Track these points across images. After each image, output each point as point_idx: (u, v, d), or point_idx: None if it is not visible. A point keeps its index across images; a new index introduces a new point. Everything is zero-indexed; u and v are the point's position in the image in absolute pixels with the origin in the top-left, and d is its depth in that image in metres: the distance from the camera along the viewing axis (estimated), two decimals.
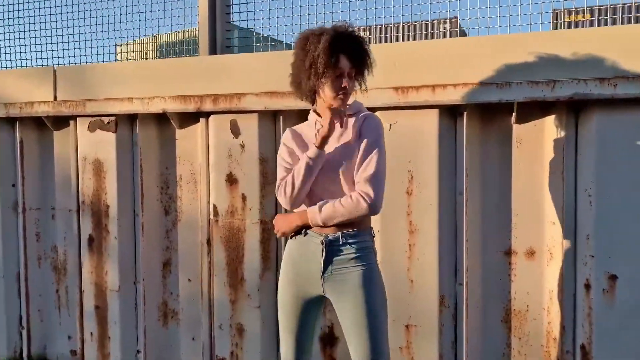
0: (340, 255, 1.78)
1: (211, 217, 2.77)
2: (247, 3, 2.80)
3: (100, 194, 2.99)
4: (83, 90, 2.97)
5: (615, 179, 2.08)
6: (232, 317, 2.72)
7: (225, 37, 2.82)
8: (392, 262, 2.39)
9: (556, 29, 2.82)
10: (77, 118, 3.01)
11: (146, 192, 2.95)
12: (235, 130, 2.67)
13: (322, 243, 1.78)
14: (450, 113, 2.34)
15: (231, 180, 2.70)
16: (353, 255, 1.76)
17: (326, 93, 1.79)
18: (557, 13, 2.84)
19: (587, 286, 2.15)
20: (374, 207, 1.70)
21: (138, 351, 3.01)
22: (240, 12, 2.83)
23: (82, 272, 3.07)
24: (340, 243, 1.77)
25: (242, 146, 2.66)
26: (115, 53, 3.80)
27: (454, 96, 2.23)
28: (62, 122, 3.12)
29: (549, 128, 2.24)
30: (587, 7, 2.65)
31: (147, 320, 2.97)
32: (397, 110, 2.36)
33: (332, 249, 1.78)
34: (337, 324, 2.50)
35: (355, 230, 1.77)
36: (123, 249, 2.97)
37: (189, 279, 2.94)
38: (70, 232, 3.15)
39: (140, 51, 3.63)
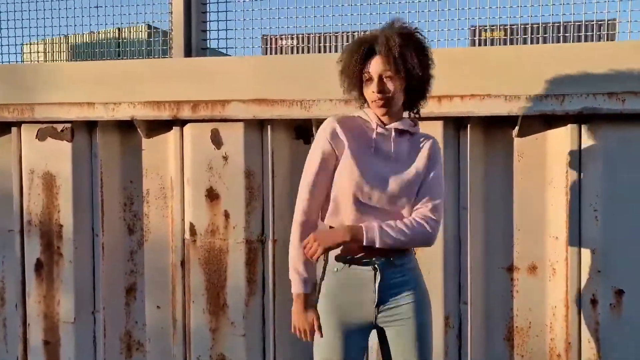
0: (394, 280, 1.61)
1: (187, 236, 2.49)
2: (226, 2, 2.55)
3: (52, 212, 2.60)
4: (28, 92, 2.57)
5: (621, 194, 2.08)
6: (213, 347, 2.45)
7: (201, 38, 2.56)
8: None
9: (474, 45, 2.87)
10: (22, 125, 2.62)
11: (107, 209, 2.61)
12: (216, 141, 2.42)
13: (374, 268, 1.60)
14: (454, 125, 2.25)
15: (212, 195, 2.43)
16: (406, 279, 1.62)
17: (366, 94, 1.65)
18: (474, 30, 2.90)
19: (594, 301, 2.13)
20: (435, 237, 1.57)
21: None
22: (218, 11, 2.58)
23: (27, 302, 2.66)
24: (395, 266, 1.61)
25: (225, 158, 2.41)
26: (22, 53, 3.53)
27: (461, 108, 2.14)
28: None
29: (552, 142, 2.22)
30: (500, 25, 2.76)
31: (107, 353, 2.62)
32: None
33: (387, 274, 1.60)
34: None
35: (405, 252, 1.63)
36: (79, 274, 2.60)
37: (157, 306, 2.63)
38: (10, 256, 2.72)
39: (48, 52, 3.38)
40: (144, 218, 2.65)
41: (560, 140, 2.18)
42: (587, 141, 2.13)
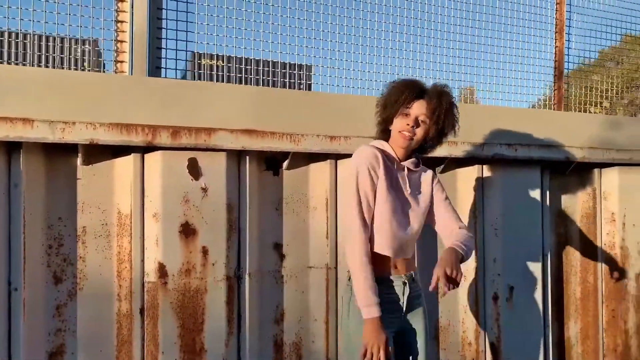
0: (414, 293, 2.02)
1: (151, 279, 2.17)
2: (186, 22, 2.35)
3: None
4: None
5: (514, 217, 2.87)
6: None
7: (156, 55, 2.29)
8: None
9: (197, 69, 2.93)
10: None
11: (28, 254, 2.04)
12: (194, 171, 2.21)
13: (403, 284, 1.96)
14: None
15: (187, 231, 2.21)
16: (420, 291, 2.07)
17: (394, 125, 1.96)
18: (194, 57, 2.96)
19: (495, 297, 2.85)
20: None
21: None
22: (177, 30, 2.35)
23: None
24: (413, 281, 2.03)
25: (205, 190, 2.23)
26: None
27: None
28: None
29: (461, 177, 2.87)
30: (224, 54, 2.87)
31: None
32: None
33: (411, 287, 2.00)
34: None
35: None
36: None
37: None
38: None
39: None
40: (78, 262, 2.17)
41: (468, 176, 2.85)
42: (489, 177, 2.86)
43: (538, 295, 2.94)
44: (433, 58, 3.33)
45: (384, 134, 2.06)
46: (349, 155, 2.42)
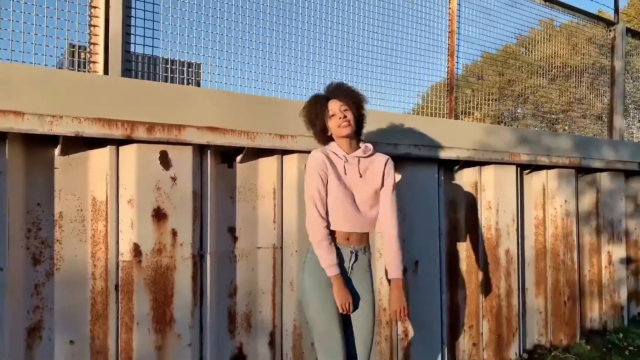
0: (363, 264, 2.51)
1: (126, 258, 2.42)
2: (152, 29, 2.61)
3: None
4: None
5: (417, 204, 3.51)
6: None
7: (126, 58, 2.53)
8: None
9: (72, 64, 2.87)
10: None
11: (11, 237, 2.21)
12: (165, 162, 2.51)
13: (351, 252, 2.43)
14: None
15: (159, 215, 2.49)
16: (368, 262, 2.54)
17: (331, 128, 2.45)
18: (73, 51, 2.88)
19: (405, 270, 3.46)
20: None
21: None
22: (144, 36, 2.61)
23: None
24: (364, 253, 2.50)
25: (174, 179, 2.53)
26: None
27: None
28: None
29: None
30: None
31: None
32: None
33: (360, 258, 2.48)
34: (249, 344, 2.84)
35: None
36: None
37: (70, 341, 2.38)
38: None
39: None
40: (55, 245, 2.36)
41: None
42: (398, 172, 3.47)
43: (435, 268, 3.62)
44: (343, 71, 3.88)
45: (328, 139, 2.52)
46: (293, 152, 2.89)
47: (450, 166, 3.81)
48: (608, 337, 4.76)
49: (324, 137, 2.49)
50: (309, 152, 2.87)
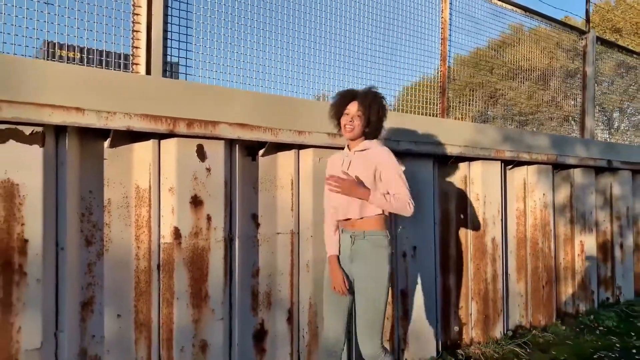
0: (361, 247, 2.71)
1: (168, 240, 2.70)
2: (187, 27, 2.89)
3: (12, 226, 2.24)
4: None
5: (415, 196, 3.86)
6: (195, 336, 2.75)
7: (163, 61, 2.81)
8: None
9: (47, 58, 2.92)
10: None
11: (69, 221, 2.46)
12: (201, 155, 2.79)
13: (350, 237, 2.70)
14: None
15: (196, 202, 2.77)
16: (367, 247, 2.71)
17: (342, 123, 2.77)
18: (48, 44, 2.93)
19: (404, 254, 3.82)
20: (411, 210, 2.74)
21: None
22: (179, 40, 2.89)
23: None
24: (363, 238, 2.70)
25: (209, 170, 2.82)
26: None
27: None
28: None
29: None
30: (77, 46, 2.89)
31: None
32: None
33: (357, 242, 2.71)
34: (269, 320, 3.16)
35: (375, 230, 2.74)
36: (46, 293, 2.33)
37: (118, 315, 2.64)
38: None
39: None
40: (105, 228, 2.63)
41: None
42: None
43: (431, 254, 3.99)
44: (348, 73, 4.21)
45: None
46: (309, 146, 3.21)
47: (444, 161, 4.19)
48: (580, 319, 5.23)
49: (339, 127, 2.81)
50: (323, 147, 3.22)
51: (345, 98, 2.76)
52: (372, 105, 2.72)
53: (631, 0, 28.45)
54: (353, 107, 2.71)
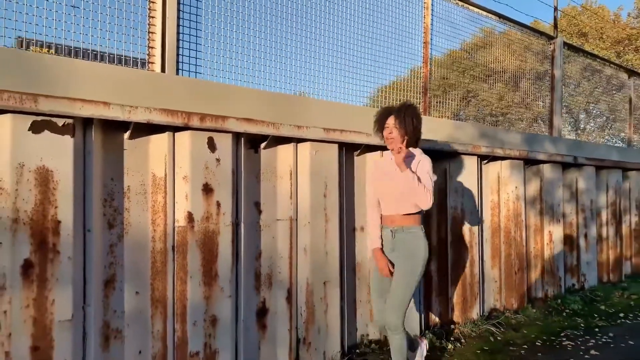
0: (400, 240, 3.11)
1: (182, 224, 2.96)
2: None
3: (47, 208, 2.47)
4: (26, 82, 2.42)
5: None
6: (207, 311, 3.02)
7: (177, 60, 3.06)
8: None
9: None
10: (8, 114, 2.36)
11: (95, 205, 2.71)
12: (212, 147, 3.06)
13: (390, 232, 3.10)
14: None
15: (207, 189, 3.04)
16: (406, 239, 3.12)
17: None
18: (21, 41, 2.95)
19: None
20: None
21: None
22: (190, 41, 3.15)
23: (11, 308, 2.36)
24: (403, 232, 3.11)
25: (218, 160, 3.08)
26: None
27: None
28: None
29: (369, 159, 4.11)
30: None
31: (94, 347, 2.68)
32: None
33: (397, 236, 3.11)
34: (270, 299, 3.44)
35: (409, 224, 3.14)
36: (76, 270, 2.57)
37: (136, 292, 2.89)
38: None
39: None
40: (124, 212, 2.87)
41: (374, 158, 4.10)
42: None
43: None
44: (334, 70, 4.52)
45: None
46: (306, 140, 3.50)
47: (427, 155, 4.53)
48: (549, 303, 5.66)
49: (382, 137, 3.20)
50: (319, 140, 3.52)
51: (383, 113, 3.19)
52: (406, 117, 3.09)
53: (596, 7, 29.66)
54: (391, 120, 3.11)
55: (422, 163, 3.11)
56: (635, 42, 27.73)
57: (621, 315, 5.38)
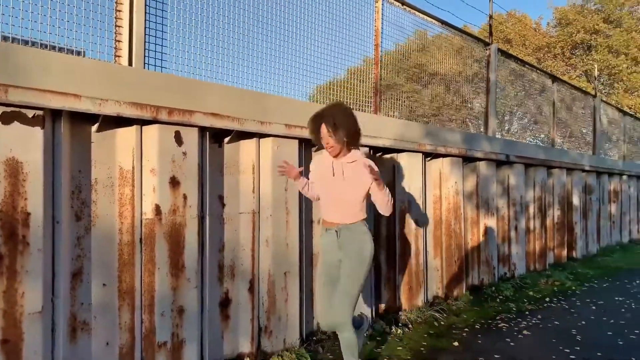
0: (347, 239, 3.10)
1: (150, 216, 3.00)
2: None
3: (17, 200, 2.44)
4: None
5: None
6: (174, 302, 3.07)
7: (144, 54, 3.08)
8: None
9: None
10: None
11: (63, 197, 2.70)
12: (179, 140, 3.11)
13: (335, 232, 3.07)
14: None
15: (174, 182, 3.09)
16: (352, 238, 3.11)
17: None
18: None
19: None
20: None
21: None
22: (156, 36, 3.17)
23: None
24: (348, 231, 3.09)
25: (185, 154, 3.14)
26: None
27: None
28: None
29: None
30: None
31: (63, 339, 2.67)
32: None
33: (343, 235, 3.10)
34: (233, 290, 3.56)
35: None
36: (46, 262, 2.55)
37: (104, 284, 2.90)
38: None
39: None
40: (92, 205, 2.88)
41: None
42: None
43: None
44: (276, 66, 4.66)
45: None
46: (269, 135, 3.63)
47: (376, 152, 4.79)
48: (484, 290, 6.12)
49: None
50: (281, 136, 3.65)
51: (314, 123, 3.05)
52: (339, 124, 2.96)
53: (519, 15, 31.61)
54: (324, 130, 2.99)
55: (373, 166, 3.00)
56: (554, 50, 29.89)
57: (547, 299, 5.92)
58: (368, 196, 3.16)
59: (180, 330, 3.13)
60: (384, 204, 3.10)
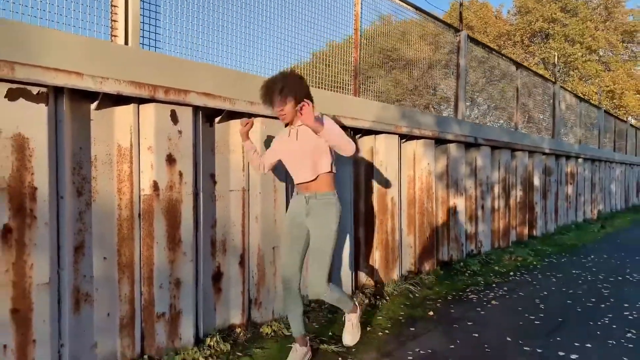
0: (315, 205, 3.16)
1: (148, 192, 3.09)
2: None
3: (24, 175, 2.50)
4: (7, 50, 2.42)
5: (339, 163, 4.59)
6: (171, 274, 3.19)
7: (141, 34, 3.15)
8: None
9: None
10: None
11: (66, 173, 2.77)
12: (174, 119, 3.20)
13: (304, 198, 3.13)
14: None
15: (170, 160, 3.19)
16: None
17: None
18: None
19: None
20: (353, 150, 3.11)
21: (62, 345, 2.72)
22: (150, 17, 3.23)
23: None
24: (316, 198, 3.14)
25: (180, 132, 3.24)
26: None
27: None
28: None
29: None
30: None
31: (68, 309, 2.77)
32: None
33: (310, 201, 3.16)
34: (225, 264, 3.71)
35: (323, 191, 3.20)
36: (52, 235, 2.63)
37: (104, 257, 3.00)
38: None
39: None
40: (92, 181, 2.95)
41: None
42: None
43: (346, 212, 4.77)
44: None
45: None
46: (258, 115, 3.76)
47: (356, 134, 4.98)
48: (454, 266, 6.46)
49: None
50: (269, 117, 3.79)
51: (265, 95, 3.05)
52: (287, 90, 2.95)
53: (481, 3, 32.27)
54: (275, 99, 3.00)
55: (325, 117, 3.00)
56: (514, 38, 30.77)
57: (511, 274, 6.31)
58: (333, 159, 3.15)
59: (178, 302, 3.26)
60: (337, 143, 2.92)
